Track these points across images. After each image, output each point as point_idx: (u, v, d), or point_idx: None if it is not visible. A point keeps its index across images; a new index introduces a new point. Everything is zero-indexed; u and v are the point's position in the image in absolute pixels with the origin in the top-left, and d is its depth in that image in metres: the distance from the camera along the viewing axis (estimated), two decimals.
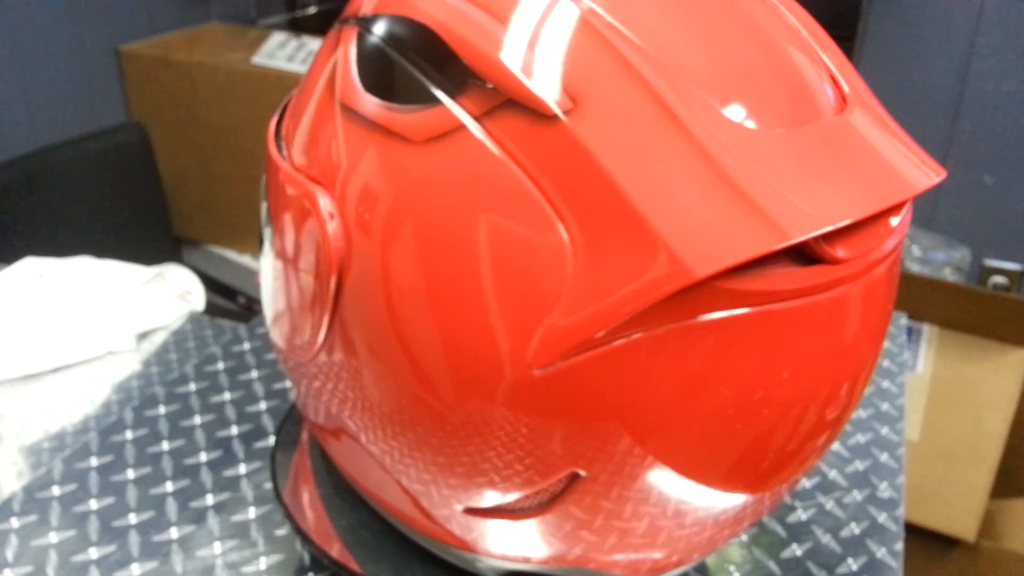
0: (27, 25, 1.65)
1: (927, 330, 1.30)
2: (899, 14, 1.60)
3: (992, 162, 1.62)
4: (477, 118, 0.30)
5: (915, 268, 1.54)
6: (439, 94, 0.31)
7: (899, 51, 1.62)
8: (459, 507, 0.36)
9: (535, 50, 0.30)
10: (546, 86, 0.29)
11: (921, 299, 1.28)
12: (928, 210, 1.70)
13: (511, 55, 0.30)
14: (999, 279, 1.35)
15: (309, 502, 0.49)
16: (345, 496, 0.48)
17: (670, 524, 0.34)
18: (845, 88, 0.33)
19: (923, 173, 0.30)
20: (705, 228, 0.26)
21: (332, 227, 0.33)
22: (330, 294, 0.34)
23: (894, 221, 0.31)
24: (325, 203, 0.34)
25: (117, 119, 1.82)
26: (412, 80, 0.32)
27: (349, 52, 0.35)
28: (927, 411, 1.25)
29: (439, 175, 0.31)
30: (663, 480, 0.32)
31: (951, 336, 1.29)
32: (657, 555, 0.36)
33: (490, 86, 0.30)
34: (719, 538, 0.37)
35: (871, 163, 0.30)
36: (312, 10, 2.07)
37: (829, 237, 0.28)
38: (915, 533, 1.22)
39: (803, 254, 0.29)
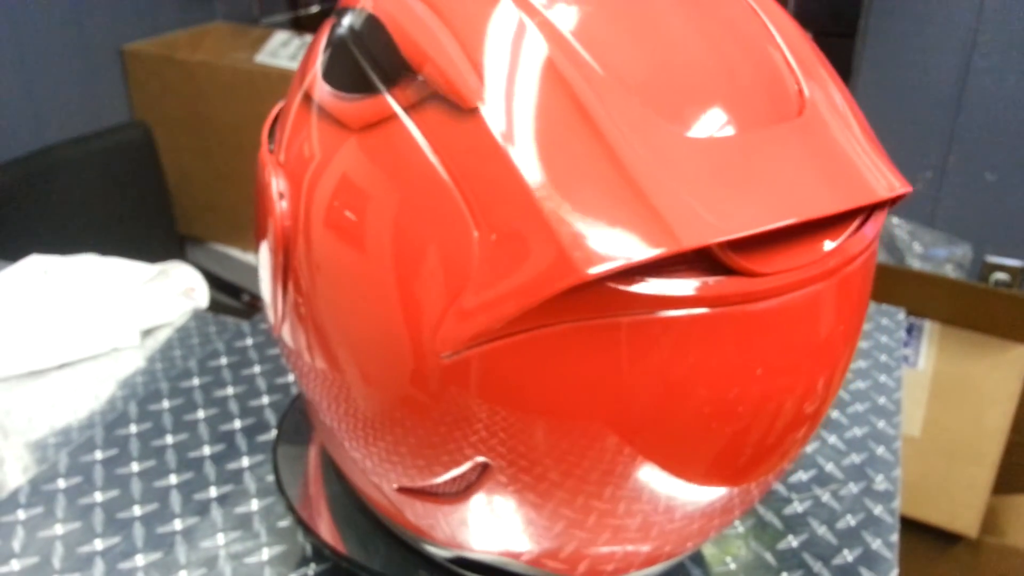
0: (31, 24, 1.66)
1: (928, 326, 1.30)
2: (900, 11, 1.60)
3: (994, 158, 1.62)
4: (406, 108, 0.31)
5: (916, 264, 1.54)
6: (376, 83, 0.32)
7: (900, 48, 1.62)
8: (394, 485, 0.38)
9: (464, 45, 0.30)
10: (468, 80, 0.29)
11: (922, 295, 1.29)
12: (929, 206, 1.70)
13: (439, 48, 0.30)
14: (1001, 275, 1.35)
15: (312, 487, 0.50)
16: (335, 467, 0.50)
17: (605, 519, 0.34)
18: (806, 93, 0.32)
19: (877, 185, 0.30)
20: (600, 230, 0.26)
21: (280, 207, 0.36)
22: (280, 269, 0.36)
23: (828, 245, 0.30)
24: (277, 183, 0.36)
25: (121, 118, 1.83)
26: (360, 70, 0.33)
27: (320, 43, 0.37)
28: (929, 407, 1.26)
29: (367, 161, 0.32)
30: (578, 473, 0.32)
31: (953, 332, 1.29)
32: (592, 550, 0.36)
33: (420, 78, 0.31)
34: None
35: (807, 173, 0.29)
36: (315, 9, 2.08)
37: (744, 247, 0.28)
38: (917, 529, 1.23)
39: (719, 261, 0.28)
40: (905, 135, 1.68)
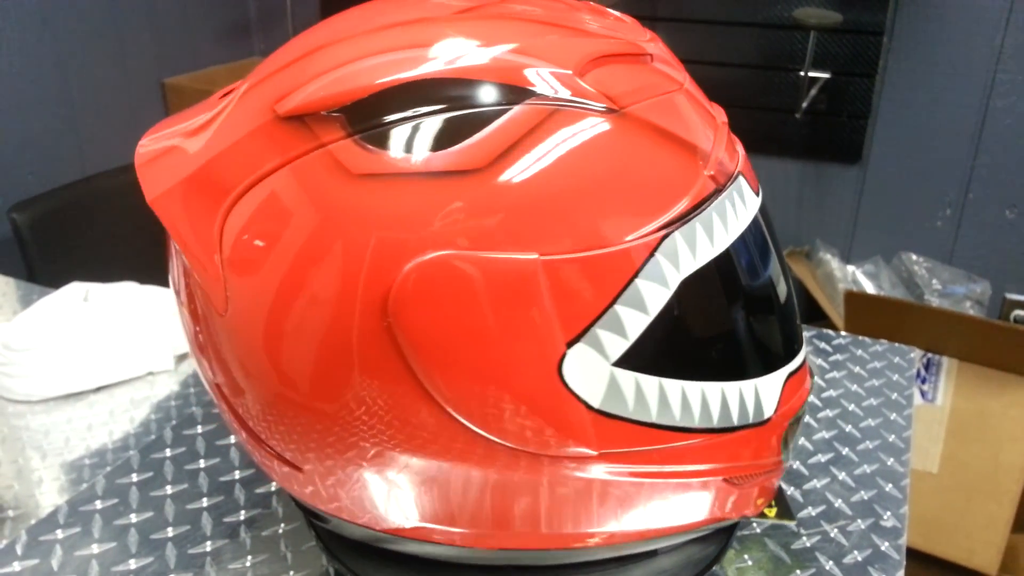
0: (77, 58, 1.72)
1: (947, 362, 1.30)
2: (919, 52, 1.61)
3: (1013, 196, 1.62)
4: None
5: (935, 301, 1.55)
6: None
7: (919, 88, 1.64)
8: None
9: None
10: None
11: (941, 332, 1.29)
12: (949, 244, 1.70)
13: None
14: (1021, 312, 1.35)
15: None
16: None
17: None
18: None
19: None
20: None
21: None
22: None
23: None
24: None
25: None
26: None
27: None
28: (947, 443, 1.25)
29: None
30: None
31: (971, 369, 1.29)
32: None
33: None
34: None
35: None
36: None
37: None
38: (937, 566, 1.22)
39: None
40: (924, 173, 1.69)
